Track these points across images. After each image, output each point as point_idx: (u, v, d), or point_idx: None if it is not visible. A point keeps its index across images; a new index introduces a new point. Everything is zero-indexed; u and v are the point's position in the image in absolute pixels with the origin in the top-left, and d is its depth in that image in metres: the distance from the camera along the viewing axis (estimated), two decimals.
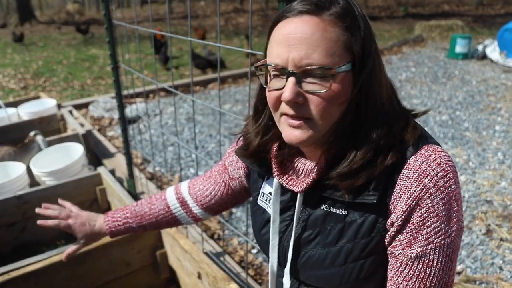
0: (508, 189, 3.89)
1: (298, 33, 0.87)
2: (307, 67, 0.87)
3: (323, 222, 1.03)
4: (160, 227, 1.54)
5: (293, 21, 0.89)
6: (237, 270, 2.64)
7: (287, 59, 0.88)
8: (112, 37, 2.80)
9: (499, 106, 6.18)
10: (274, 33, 0.93)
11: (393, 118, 0.96)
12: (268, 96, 0.96)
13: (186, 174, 4.27)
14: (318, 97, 0.89)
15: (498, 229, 3.31)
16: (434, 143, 0.96)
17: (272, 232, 1.13)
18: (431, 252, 0.91)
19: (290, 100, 0.88)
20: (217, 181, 1.39)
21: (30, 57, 11.11)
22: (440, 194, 0.89)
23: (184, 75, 8.87)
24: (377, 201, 0.93)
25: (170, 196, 1.51)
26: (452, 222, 0.90)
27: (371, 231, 0.97)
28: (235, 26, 16.20)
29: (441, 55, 9.72)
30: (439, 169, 0.90)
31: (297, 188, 1.04)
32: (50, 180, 3.13)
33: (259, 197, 1.20)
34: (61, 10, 22.16)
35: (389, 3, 23.70)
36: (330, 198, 1.01)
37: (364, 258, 0.99)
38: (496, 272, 2.89)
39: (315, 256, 1.05)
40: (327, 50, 0.87)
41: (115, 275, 2.28)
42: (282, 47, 0.89)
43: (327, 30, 0.87)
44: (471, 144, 4.91)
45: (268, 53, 0.94)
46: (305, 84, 0.89)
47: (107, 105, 6.25)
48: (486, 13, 18.38)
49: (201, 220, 1.51)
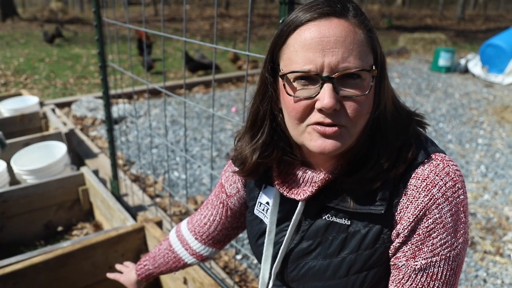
0: (491, 202, 3.93)
1: (332, 36, 0.82)
2: (345, 71, 0.82)
3: (325, 232, 0.99)
4: (172, 268, 1.44)
5: (320, 24, 0.83)
6: (222, 276, 2.59)
7: (322, 64, 0.82)
8: (101, 35, 2.74)
9: (481, 120, 6.27)
10: (295, 39, 0.86)
11: (406, 117, 0.95)
12: (293, 107, 0.88)
13: (170, 177, 4.21)
14: (355, 102, 0.84)
15: (482, 242, 3.33)
16: (441, 152, 0.93)
17: (267, 243, 1.09)
18: (436, 264, 0.88)
19: (331, 107, 0.82)
20: (214, 204, 1.31)
21: (11, 53, 10.88)
22: (448, 204, 0.86)
23: (168, 77, 8.79)
24: (384, 211, 0.90)
25: (172, 234, 1.44)
26: (458, 234, 0.87)
27: (376, 242, 0.93)
28: (221, 31, 16.17)
29: (424, 67, 9.86)
30: (447, 178, 0.87)
31: (299, 196, 1.00)
32: (31, 178, 3.05)
33: (256, 206, 1.14)
34: (45, 8, 21.83)
35: (373, 14, 23.99)
36: (333, 208, 0.97)
37: (367, 270, 0.95)
38: (480, 284, 2.90)
39: (315, 267, 1.01)
40: (361, 52, 0.84)
41: (97, 278, 2.22)
42: (313, 51, 0.82)
43: (357, 32, 0.84)
44: (455, 156, 4.96)
45: (288, 59, 0.87)
46: (341, 90, 0.84)
47: (90, 104, 6.15)
48: (467, 28, 18.76)
49: (204, 258, 1.39)
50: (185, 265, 1.41)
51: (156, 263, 1.45)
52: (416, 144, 0.93)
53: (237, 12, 22.85)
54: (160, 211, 3.22)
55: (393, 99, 0.95)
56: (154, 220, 2.35)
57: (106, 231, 2.30)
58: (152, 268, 1.46)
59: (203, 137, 5.33)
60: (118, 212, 2.53)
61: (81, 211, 3.02)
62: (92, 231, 2.92)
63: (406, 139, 0.92)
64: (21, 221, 2.78)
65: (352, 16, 0.85)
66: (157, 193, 3.83)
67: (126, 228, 2.28)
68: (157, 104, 6.61)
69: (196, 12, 23.33)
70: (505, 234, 3.43)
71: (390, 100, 0.93)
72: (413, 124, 0.96)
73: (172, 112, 6.20)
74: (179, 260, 1.40)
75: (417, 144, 0.93)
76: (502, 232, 3.47)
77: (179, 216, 3.45)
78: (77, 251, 2.09)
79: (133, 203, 3.24)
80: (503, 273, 3.01)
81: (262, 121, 1.00)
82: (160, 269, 1.44)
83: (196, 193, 3.92)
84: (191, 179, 4.17)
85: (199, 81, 7.83)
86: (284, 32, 0.88)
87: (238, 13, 22.26)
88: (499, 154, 5.05)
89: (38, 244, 2.81)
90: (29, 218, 2.81)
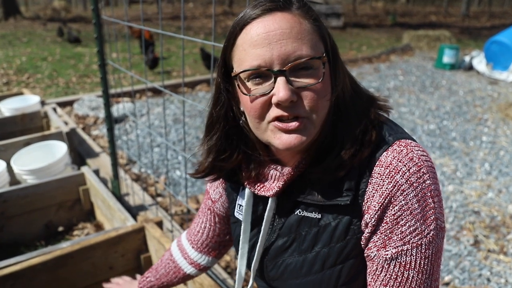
0: (495, 200, 3.89)
1: (277, 29, 0.83)
2: (296, 61, 0.83)
3: (298, 228, 0.99)
4: (173, 280, 1.42)
5: (264, 20, 0.85)
6: (223, 276, 2.57)
7: (271, 57, 0.83)
8: (100, 33, 2.72)
9: (485, 117, 6.22)
10: (242, 38, 0.87)
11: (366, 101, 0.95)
12: (251, 106, 0.88)
13: (172, 176, 4.19)
14: (311, 91, 0.85)
15: (486, 240, 3.30)
16: (407, 138, 0.91)
17: (242, 241, 1.10)
18: (408, 253, 0.86)
19: (287, 99, 0.82)
20: (204, 211, 1.32)
21: (13, 52, 10.89)
22: (413, 190, 0.84)
23: (172, 76, 8.78)
24: (350, 201, 0.89)
25: (173, 244, 1.45)
26: (429, 220, 0.85)
27: (346, 234, 0.93)
28: (224, 29, 16.12)
29: (428, 65, 9.79)
30: (411, 164, 0.85)
31: (268, 192, 1.00)
32: (32, 178, 3.04)
33: (236, 209, 1.15)
34: (47, 6, 21.87)
35: (377, 11, 23.92)
36: (303, 203, 0.97)
37: (341, 263, 0.95)
38: (483, 284, 2.87)
39: (292, 264, 1.01)
40: (310, 41, 0.85)
41: (97, 278, 2.20)
42: (260, 47, 0.83)
43: (302, 23, 0.85)
44: (459, 154, 4.92)
45: (239, 60, 0.88)
46: (295, 81, 0.84)
47: (92, 103, 6.13)
48: (472, 25, 18.65)
49: (202, 268, 1.38)
50: (184, 275, 1.40)
51: (158, 274, 1.44)
52: (379, 130, 0.92)
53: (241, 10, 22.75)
54: (161, 211, 3.20)
55: (351, 84, 0.95)
56: (154, 220, 2.34)
57: (105, 232, 2.28)
58: (154, 280, 1.45)
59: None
60: (118, 212, 2.52)
61: (82, 211, 3.01)
62: (93, 231, 2.90)
63: (368, 123, 0.92)
64: (21, 222, 2.77)
65: (296, 8, 0.87)
66: (159, 193, 3.81)
67: (126, 228, 2.27)
68: (159, 103, 6.59)
69: (200, 10, 23.32)
70: (509, 233, 3.40)
71: (348, 85, 0.94)
72: (374, 107, 0.95)
73: (175, 111, 6.18)
74: (179, 270, 1.40)
75: (380, 131, 0.92)
76: (506, 230, 3.43)
77: (180, 215, 3.43)
78: (76, 252, 2.07)
79: (134, 203, 3.22)
80: (507, 272, 2.97)
81: (214, 125, 1.00)
82: (161, 281, 1.43)
83: (198, 192, 3.90)
84: (193, 178, 4.15)
85: (202, 79, 7.81)
86: (232, 34, 0.89)
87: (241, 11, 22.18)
88: (504, 152, 5.01)
89: (39, 244, 2.80)
90: (29, 218, 2.79)
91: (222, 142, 1.01)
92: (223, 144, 1.01)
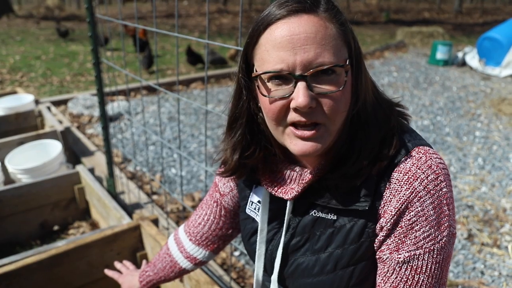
0: (488, 194, 3.93)
1: (302, 33, 0.81)
2: (318, 68, 0.81)
3: (312, 228, 1.00)
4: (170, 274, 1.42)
5: (290, 22, 0.82)
6: (220, 273, 2.59)
7: (294, 62, 0.81)
8: (94, 31, 2.71)
9: (478, 112, 6.26)
10: (266, 38, 0.85)
11: (387, 108, 0.94)
12: (269, 108, 0.87)
13: (168, 174, 4.19)
14: (331, 99, 0.83)
15: (479, 234, 3.33)
16: (425, 145, 0.92)
17: (259, 241, 1.10)
18: (420, 257, 0.87)
19: (306, 106, 0.81)
20: (209, 204, 1.30)
21: (7, 51, 10.82)
22: (430, 197, 0.86)
23: (166, 74, 8.77)
24: (368, 207, 0.90)
25: (171, 238, 1.44)
26: (442, 227, 0.87)
27: (360, 236, 0.93)
28: (219, 27, 16.11)
29: (422, 61, 9.83)
30: (429, 171, 0.87)
31: (287, 195, 1.00)
32: (26, 177, 3.03)
33: (248, 206, 1.15)
34: (41, 5, 21.73)
35: (371, 8, 23.95)
36: (320, 205, 0.98)
37: (353, 264, 0.95)
38: (477, 277, 2.90)
39: (304, 264, 1.01)
40: (334, 47, 0.82)
41: (93, 277, 2.20)
42: (284, 50, 0.81)
43: (328, 27, 0.83)
44: (452, 149, 4.95)
45: (261, 60, 0.86)
46: (315, 87, 0.83)
47: (87, 102, 6.11)
48: (465, 22, 18.72)
49: (198, 262, 1.37)
50: (180, 269, 1.40)
51: (155, 268, 1.44)
52: (399, 137, 0.92)
53: (235, 8, 22.76)
54: (157, 209, 3.21)
55: (373, 91, 0.94)
56: (150, 218, 2.34)
57: (101, 230, 2.29)
58: (152, 274, 1.45)
59: (200, 133, 5.31)
60: (114, 210, 2.52)
61: (77, 210, 3.01)
62: (88, 230, 2.90)
63: (388, 131, 0.92)
64: (16, 221, 2.77)
65: (323, 11, 0.84)
66: (155, 191, 3.82)
67: (121, 226, 2.27)
68: (154, 101, 6.58)
69: (194, 8, 23.26)
70: (502, 226, 3.43)
71: (370, 92, 0.93)
72: (394, 115, 0.95)
73: (170, 109, 6.17)
74: (175, 264, 1.40)
75: (400, 137, 0.92)
76: (500, 224, 3.46)
77: (176, 213, 3.44)
78: (71, 251, 2.07)
79: (129, 201, 3.22)
80: (500, 264, 3.01)
81: (238, 121, 1.00)
82: (159, 275, 1.43)
83: (193, 190, 3.90)
84: (188, 176, 4.16)
85: (197, 77, 7.80)
86: (255, 32, 0.87)
87: (236, 9, 22.17)
88: (496, 146, 5.04)
89: (34, 244, 2.80)
90: (24, 217, 2.79)
91: (247, 138, 1.00)
92: (247, 140, 1.00)
